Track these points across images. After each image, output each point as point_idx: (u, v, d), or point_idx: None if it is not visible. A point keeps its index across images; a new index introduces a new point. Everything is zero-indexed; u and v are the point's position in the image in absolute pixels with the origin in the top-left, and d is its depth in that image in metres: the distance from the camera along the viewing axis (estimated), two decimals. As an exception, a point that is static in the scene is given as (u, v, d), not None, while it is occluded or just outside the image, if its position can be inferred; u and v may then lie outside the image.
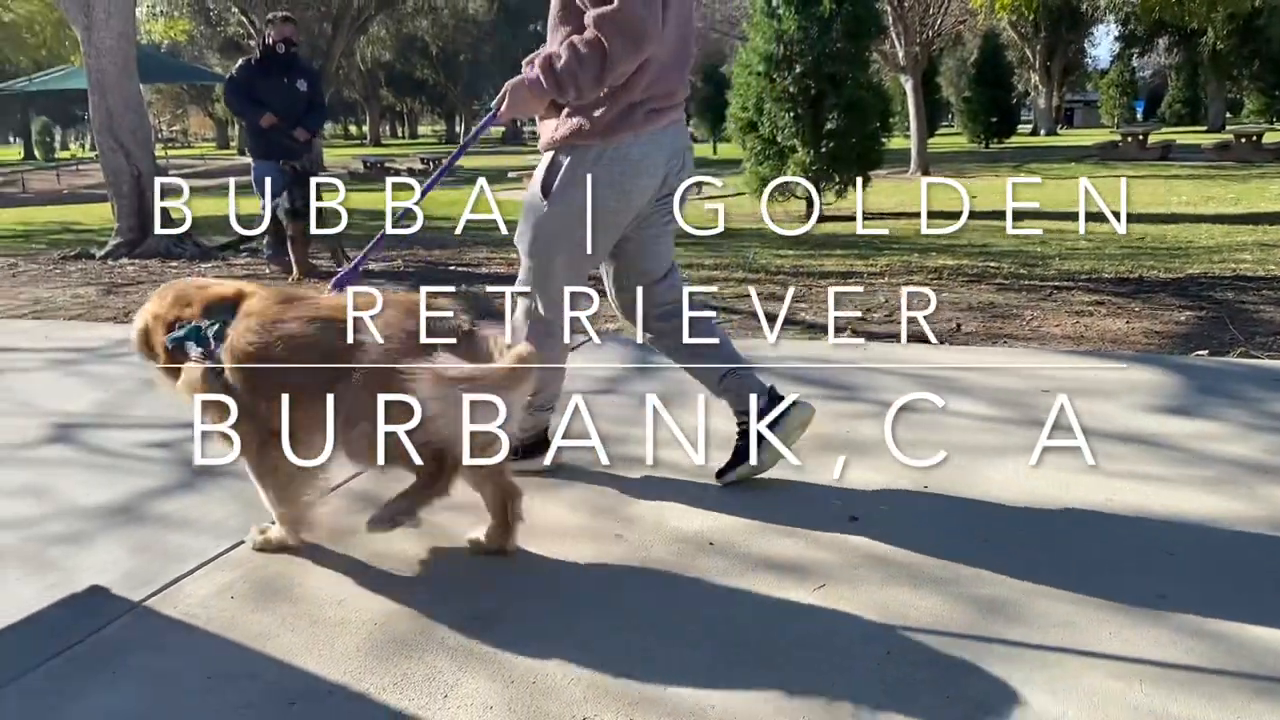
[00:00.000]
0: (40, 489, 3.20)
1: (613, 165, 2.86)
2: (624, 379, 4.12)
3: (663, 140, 2.91)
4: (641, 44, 2.68)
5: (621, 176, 2.87)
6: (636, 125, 2.84)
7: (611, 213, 2.91)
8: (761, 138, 13.36)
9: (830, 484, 2.97)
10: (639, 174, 2.89)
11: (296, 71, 7.93)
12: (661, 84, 2.85)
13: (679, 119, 3.02)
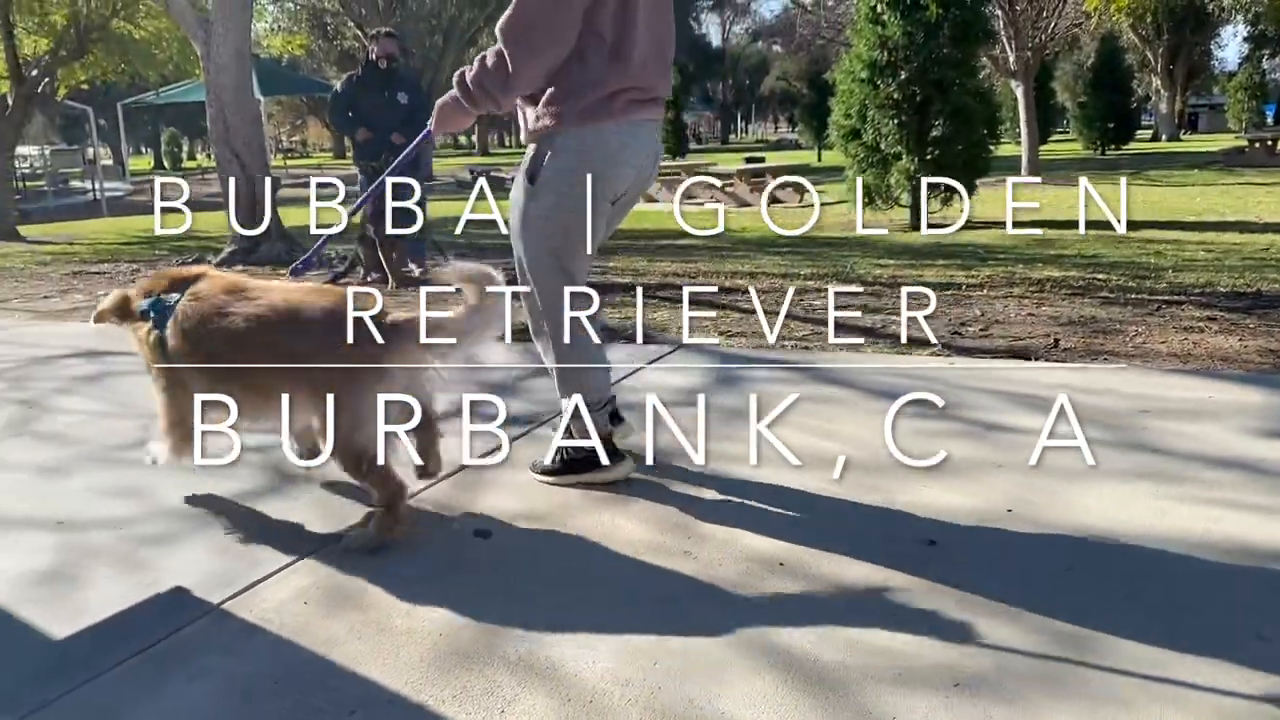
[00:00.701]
0: (136, 489, 3.32)
1: (594, 151, 2.90)
2: (702, 392, 4.07)
3: (641, 133, 2.98)
4: (540, 48, 2.79)
5: (603, 163, 2.92)
6: (616, 114, 2.89)
7: (597, 198, 2.94)
8: (865, 145, 13.16)
9: (910, 506, 2.88)
10: (619, 162, 2.95)
11: (398, 85, 8.06)
12: (640, 77, 2.90)
13: (657, 117, 3.07)
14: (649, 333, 5.17)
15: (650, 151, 3.05)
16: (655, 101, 3.03)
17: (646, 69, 2.94)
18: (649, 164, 3.06)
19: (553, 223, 2.98)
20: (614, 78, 2.87)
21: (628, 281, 7.34)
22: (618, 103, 2.89)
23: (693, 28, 54.15)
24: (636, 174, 3.03)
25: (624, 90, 2.89)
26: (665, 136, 36.91)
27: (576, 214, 2.94)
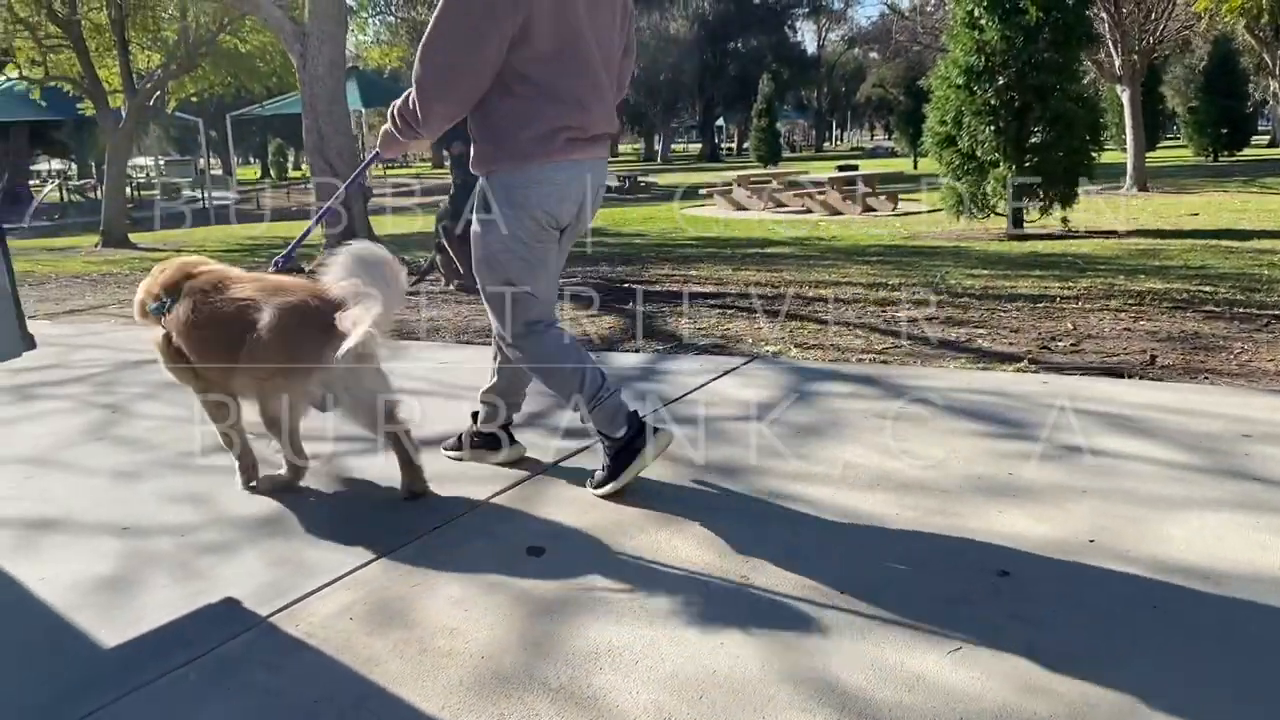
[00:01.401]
0: (202, 496, 3.34)
1: (540, 188, 3.01)
2: (772, 407, 3.94)
3: (582, 171, 3.06)
4: (443, 92, 2.94)
5: (547, 199, 3.03)
6: (555, 152, 2.98)
7: (543, 228, 3.07)
8: (960, 152, 12.79)
9: (983, 533, 2.71)
10: (563, 198, 3.05)
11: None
12: (578, 117, 2.99)
13: (602, 156, 3.17)
14: (723, 344, 5.06)
15: (592, 186, 3.13)
16: (596, 140, 3.10)
17: (586, 110, 3.01)
18: (592, 198, 3.16)
19: (506, 256, 3.09)
20: (549, 118, 2.95)
21: (709, 291, 7.24)
22: (556, 142, 2.97)
23: (787, 35, 53.75)
24: (579, 209, 3.13)
25: (560, 130, 2.97)
26: (759, 143, 36.72)
27: (527, 247, 3.07)
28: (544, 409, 4.07)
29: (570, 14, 2.93)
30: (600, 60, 3.05)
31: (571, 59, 2.96)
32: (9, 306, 3.06)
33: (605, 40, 3.08)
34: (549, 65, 2.93)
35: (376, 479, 3.40)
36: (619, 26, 3.15)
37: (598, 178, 3.17)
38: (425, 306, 6.81)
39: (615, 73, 3.18)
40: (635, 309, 6.36)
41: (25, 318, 3.17)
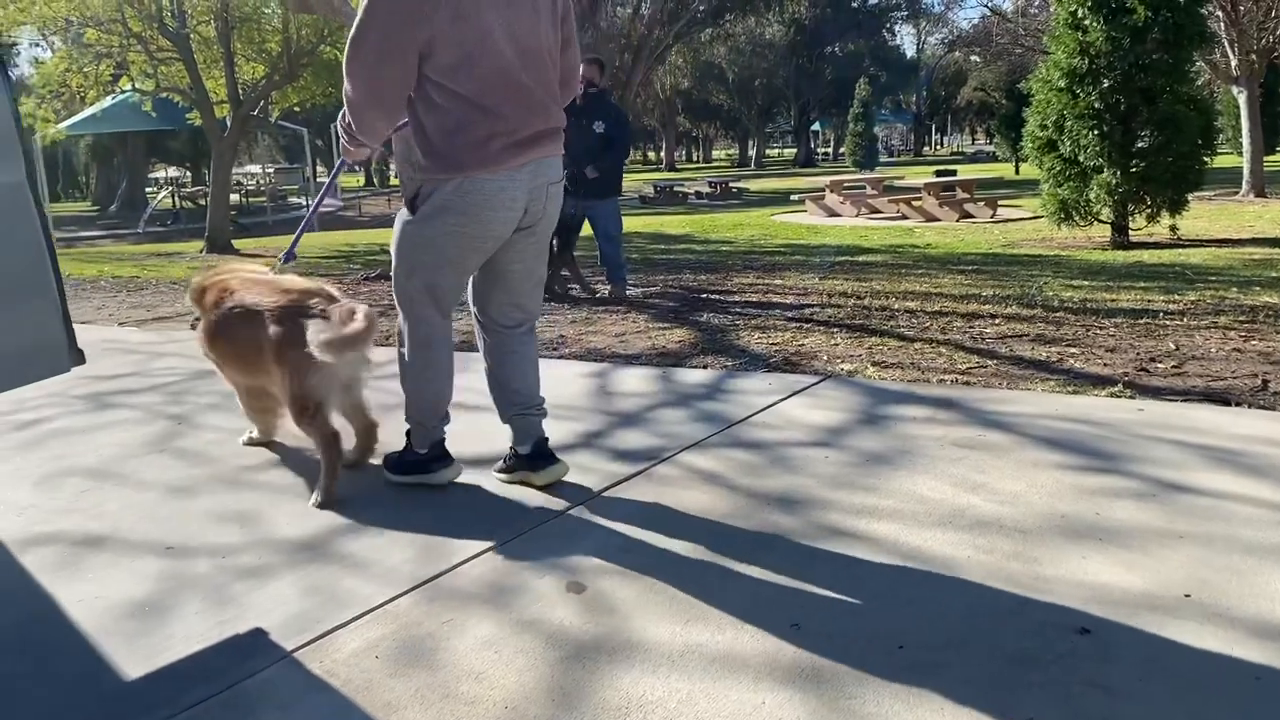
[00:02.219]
0: (249, 515, 3.28)
1: (467, 197, 3.00)
2: (842, 432, 3.72)
3: (520, 177, 3.04)
4: (369, 96, 2.96)
5: (476, 208, 3.02)
6: (489, 161, 2.98)
7: (471, 238, 3.09)
8: (1062, 158, 12.29)
9: (1063, 582, 2.46)
10: (495, 207, 3.04)
11: (595, 113, 7.82)
12: (511, 120, 2.99)
13: (544, 155, 3.12)
14: (795, 360, 4.84)
15: (534, 188, 3.11)
16: (536, 139, 3.08)
17: (506, 114, 2.99)
18: (539, 197, 3.14)
19: (421, 257, 3.15)
20: (472, 127, 2.96)
21: (790, 301, 7.01)
22: (492, 149, 2.98)
23: (885, 38, 52.82)
24: (522, 211, 3.12)
25: (488, 138, 2.97)
26: (855, 148, 36.15)
27: (451, 247, 3.11)
28: (598, 428, 3.92)
29: (476, 20, 2.91)
30: (521, 62, 3.02)
31: (483, 65, 2.94)
32: (58, 323, 3.04)
33: (528, 40, 3.04)
34: (458, 74, 2.93)
35: (422, 503, 3.30)
36: (549, 22, 3.12)
37: (541, 179, 3.13)
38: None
39: (550, 70, 3.13)
40: (710, 321, 6.18)
41: (75, 334, 3.14)
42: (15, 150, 2.91)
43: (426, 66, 2.92)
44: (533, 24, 3.05)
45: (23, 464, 3.98)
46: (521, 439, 3.39)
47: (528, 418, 3.40)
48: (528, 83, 3.04)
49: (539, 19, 3.07)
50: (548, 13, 3.11)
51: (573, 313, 6.79)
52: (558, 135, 3.19)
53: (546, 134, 3.12)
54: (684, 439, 3.70)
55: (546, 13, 3.10)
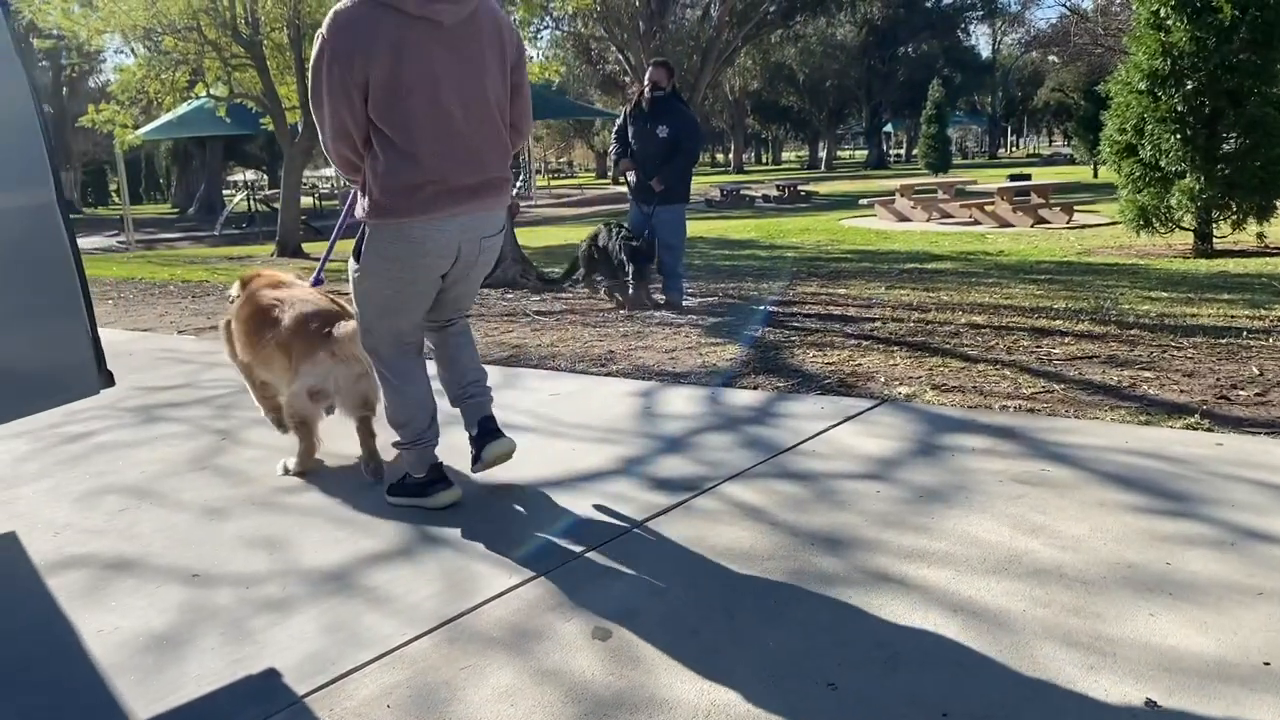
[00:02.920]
0: (279, 541, 3.21)
1: (398, 243, 3.10)
2: (895, 463, 3.52)
3: (450, 227, 3.09)
4: (330, 144, 3.08)
5: (408, 254, 3.12)
6: (415, 210, 3.03)
7: (408, 282, 3.20)
8: (1141, 162, 11.83)
9: (1128, 644, 2.26)
10: (424, 254, 3.12)
11: (662, 117, 7.63)
12: (438, 170, 3.02)
13: (481, 209, 3.15)
14: (851, 382, 4.64)
15: (466, 240, 3.15)
16: (472, 191, 3.10)
17: (451, 162, 3.04)
18: (471, 248, 3.19)
19: (371, 297, 3.26)
20: (407, 175, 3.01)
21: (852, 313, 6.80)
22: (420, 197, 3.03)
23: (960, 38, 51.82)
24: (454, 259, 3.18)
25: (419, 186, 3.02)
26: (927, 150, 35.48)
27: (392, 294, 3.23)
28: (640, 454, 3.78)
29: (417, 69, 2.96)
30: (463, 112, 3.05)
31: (418, 114, 2.99)
32: (87, 346, 3.00)
33: (473, 89, 3.07)
34: (394, 120, 2.98)
35: (452, 532, 3.19)
36: (498, 71, 3.14)
37: (474, 231, 3.17)
38: (547, 329, 6.62)
39: (496, 120, 3.16)
40: (766, 336, 5.99)
41: (104, 356, 3.10)
42: (44, 171, 2.88)
43: (369, 110, 2.98)
44: (479, 74, 3.07)
45: (65, 479, 3.98)
46: (469, 422, 3.49)
47: (472, 400, 3.49)
48: (466, 133, 3.06)
49: (486, 69, 3.09)
50: (496, 62, 3.13)
51: (625, 325, 6.67)
52: (497, 187, 3.21)
53: (484, 186, 3.14)
54: (727, 468, 3.54)
55: (495, 62, 3.12)
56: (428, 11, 2.94)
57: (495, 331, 6.64)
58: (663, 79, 7.69)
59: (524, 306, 8.00)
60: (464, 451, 3.53)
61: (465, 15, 3.02)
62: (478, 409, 3.48)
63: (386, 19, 2.93)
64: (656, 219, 7.56)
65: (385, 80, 2.93)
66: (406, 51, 2.93)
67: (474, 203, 3.11)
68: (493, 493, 3.52)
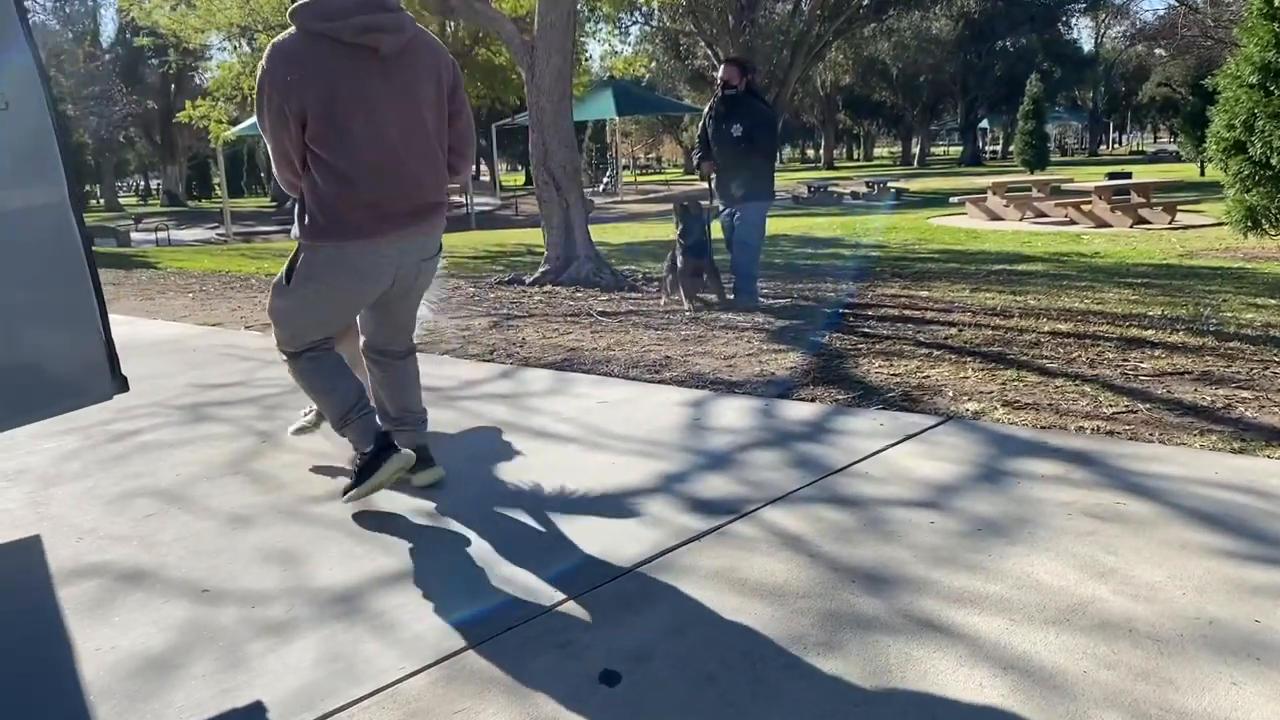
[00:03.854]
0: (294, 556, 3.07)
1: (335, 265, 3.16)
2: (954, 490, 3.23)
3: (388, 251, 3.18)
4: (273, 154, 3.15)
5: (344, 276, 3.19)
6: (352, 233, 3.09)
7: (339, 301, 3.30)
8: (1251, 160, 11.17)
9: (1206, 716, 1.96)
10: (361, 277, 3.21)
11: (736, 115, 7.39)
12: (379, 194, 3.09)
13: (418, 232, 3.23)
14: (916, 396, 4.34)
15: (402, 263, 3.23)
16: (408, 214, 3.17)
17: (387, 186, 3.10)
18: (408, 270, 3.28)
19: (292, 315, 3.32)
20: (343, 199, 3.07)
21: (929, 317, 6.46)
22: (353, 223, 3.09)
23: (1061, 32, 50.09)
24: (390, 282, 3.26)
25: (357, 210, 3.08)
26: (1024, 147, 34.44)
27: (317, 310, 3.29)
28: (681, 470, 3.56)
29: (354, 96, 3.03)
30: (399, 137, 3.11)
31: (353, 139, 3.04)
32: (99, 348, 2.90)
33: (410, 117, 3.13)
34: (330, 146, 3.04)
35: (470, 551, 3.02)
36: (434, 100, 3.20)
37: (412, 254, 3.25)
38: (607, 331, 6.42)
39: (433, 144, 3.21)
40: (833, 343, 5.70)
41: (118, 359, 3.00)
42: (56, 168, 2.79)
43: (306, 135, 3.05)
44: (416, 101, 3.14)
45: (102, 480, 3.92)
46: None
47: (405, 429, 3.55)
48: (403, 159, 3.12)
49: (423, 97, 3.16)
50: (433, 90, 3.19)
51: (688, 328, 6.44)
52: (434, 211, 3.27)
53: (421, 210, 3.20)
54: (772, 489, 3.30)
55: (432, 90, 3.19)
56: (364, 40, 3.02)
57: (554, 333, 6.48)
58: (734, 77, 7.44)
59: (589, 306, 7.83)
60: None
61: (402, 44, 3.10)
62: (409, 440, 3.52)
63: (323, 49, 3.02)
64: (737, 217, 7.33)
65: (322, 108, 3.01)
66: (343, 80, 3.02)
67: (411, 227, 3.19)
68: (518, 509, 3.33)
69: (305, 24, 3.04)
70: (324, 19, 3.00)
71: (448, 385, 5.15)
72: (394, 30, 3.06)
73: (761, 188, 7.40)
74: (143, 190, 61.44)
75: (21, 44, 2.70)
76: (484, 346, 6.06)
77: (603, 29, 29.20)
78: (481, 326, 6.89)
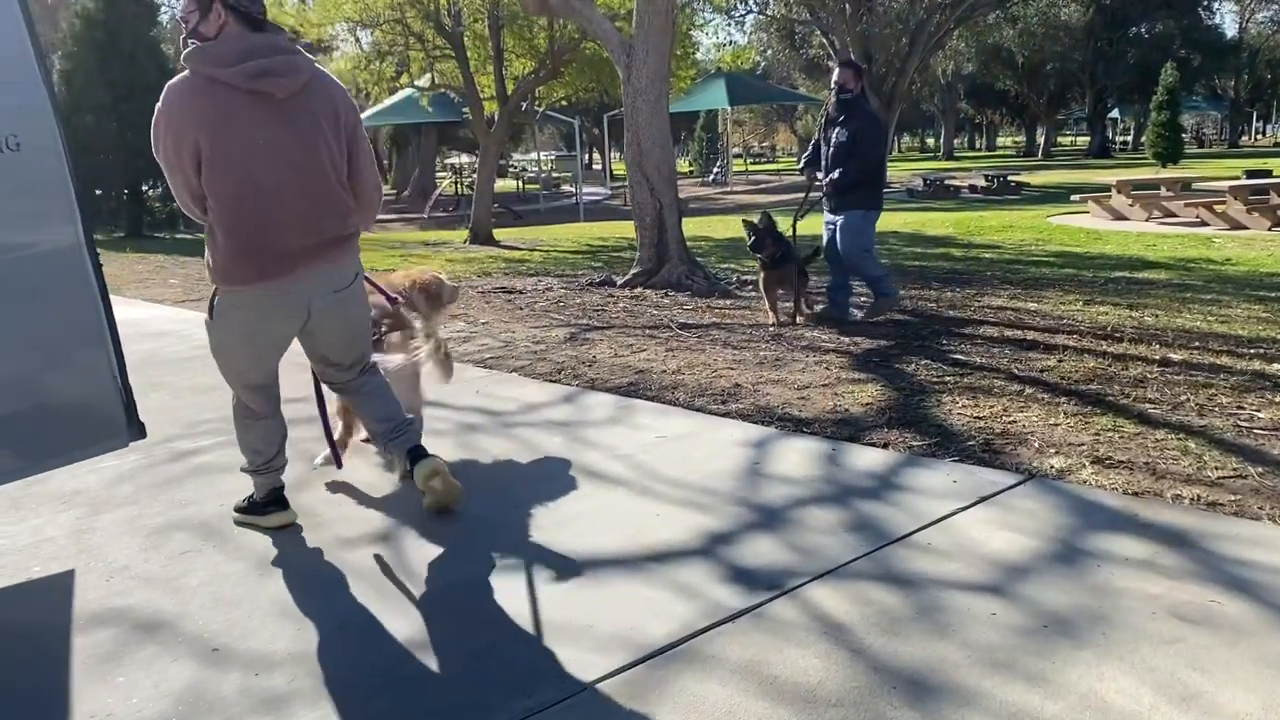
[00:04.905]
0: (310, 612, 2.95)
1: (242, 310, 3.24)
2: (1023, 573, 2.88)
3: (294, 289, 3.22)
4: (175, 191, 3.16)
5: (253, 319, 3.27)
6: (253, 277, 3.15)
7: (252, 340, 3.35)
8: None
9: None
10: (270, 318, 3.28)
11: (845, 120, 6.99)
12: (274, 236, 3.14)
13: (324, 266, 3.27)
14: (997, 447, 3.97)
15: (311, 298, 3.27)
16: (309, 252, 3.21)
17: (282, 228, 3.14)
18: (320, 304, 3.31)
19: (220, 354, 3.40)
20: (239, 243, 3.12)
21: (1031, 341, 6.02)
22: (253, 267, 3.13)
23: (1201, 17, 47.36)
24: (303, 321, 3.32)
25: (257, 251, 3.13)
26: (1156, 139, 32.75)
27: (240, 351, 3.38)
28: (726, 528, 3.30)
29: (245, 140, 3.06)
30: (298, 179, 3.15)
31: (244, 183, 3.08)
32: (114, 395, 2.81)
33: (307, 159, 3.17)
34: (223, 190, 3.08)
35: (486, 632, 2.83)
36: (333, 139, 3.24)
37: (322, 287, 3.29)
38: (681, 349, 6.15)
39: (329, 183, 3.24)
40: (918, 372, 5.34)
41: (135, 406, 2.91)
42: (70, 210, 2.70)
43: (202, 179, 3.09)
44: (313, 143, 3.18)
45: (149, 508, 3.87)
46: (399, 456, 3.65)
47: (397, 441, 3.60)
48: (298, 198, 3.16)
49: (321, 137, 3.20)
50: (331, 130, 3.23)
51: (767, 347, 6.15)
52: (337, 245, 3.30)
53: (322, 246, 3.23)
54: (821, 559, 3.02)
55: (330, 130, 3.22)
56: (257, 85, 3.05)
57: (628, 350, 6.26)
58: (849, 80, 6.98)
59: (672, 317, 7.59)
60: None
61: (298, 88, 3.14)
62: (404, 445, 3.59)
63: (217, 93, 3.04)
64: (840, 225, 7.00)
65: (215, 151, 3.04)
66: (235, 124, 3.05)
67: (316, 263, 3.23)
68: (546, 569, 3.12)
69: (198, 69, 3.07)
70: (217, 64, 3.05)
71: (509, 409, 4.99)
72: (288, 73, 3.12)
73: (859, 195, 6.98)
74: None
75: (35, 81, 2.61)
76: (553, 365, 5.89)
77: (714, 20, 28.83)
78: (557, 340, 6.72)
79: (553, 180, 36.60)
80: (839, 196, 6.94)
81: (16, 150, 2.55)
